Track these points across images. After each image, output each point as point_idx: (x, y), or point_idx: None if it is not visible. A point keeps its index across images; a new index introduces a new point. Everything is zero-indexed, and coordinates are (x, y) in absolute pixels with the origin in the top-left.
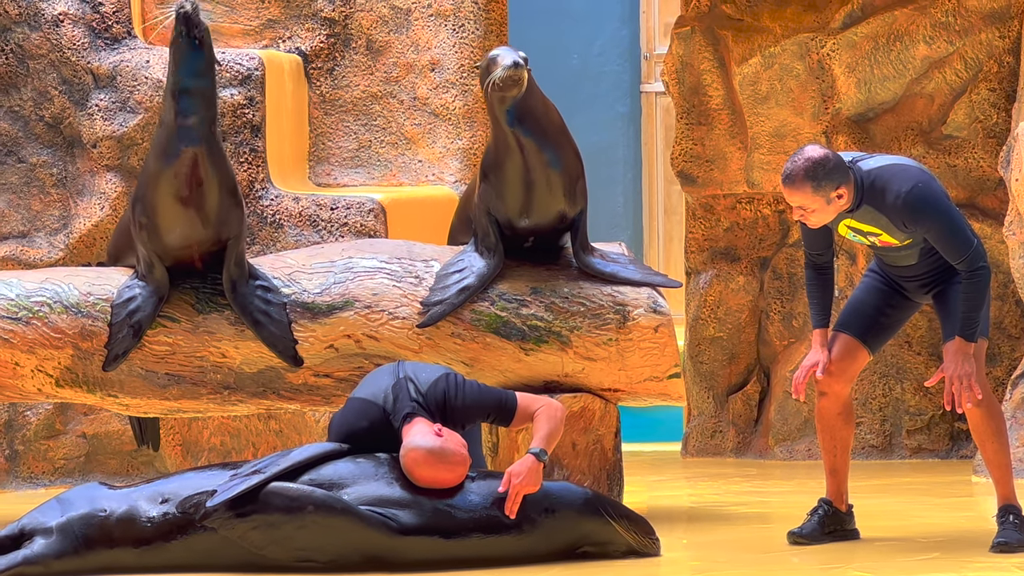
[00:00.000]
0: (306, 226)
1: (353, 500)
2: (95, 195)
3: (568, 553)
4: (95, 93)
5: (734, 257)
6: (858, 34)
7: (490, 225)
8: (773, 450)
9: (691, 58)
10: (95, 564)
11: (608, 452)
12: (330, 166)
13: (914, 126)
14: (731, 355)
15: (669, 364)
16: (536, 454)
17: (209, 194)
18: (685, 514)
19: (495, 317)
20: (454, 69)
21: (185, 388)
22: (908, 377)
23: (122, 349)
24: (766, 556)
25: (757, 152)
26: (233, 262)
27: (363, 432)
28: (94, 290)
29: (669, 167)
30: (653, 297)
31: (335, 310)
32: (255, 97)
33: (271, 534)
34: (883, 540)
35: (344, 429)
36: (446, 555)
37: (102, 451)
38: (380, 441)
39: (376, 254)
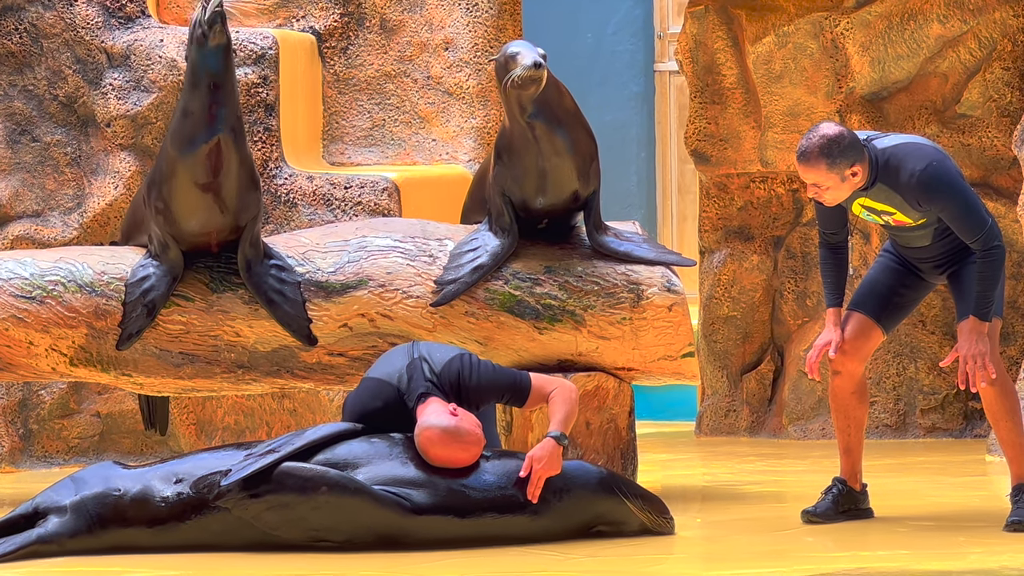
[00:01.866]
0: (320, 205)
1: (367, 480)
2: (109, 174)
3: (583, 532)
4: (109, 72)
5: (748, 236)
6: (872, 13)
7: (504, 205)
8: (787, 429)
9: (705, 37)
10: (109, 543)
11: (622, 431)
12: (344, 145)
13: (928, 105)
14: (745, 334)
15: (683, 343)
16: (556, 438)
17: (230, 182)
18: (699, 493)
19: (509, 296)
20: (468, 48)
21: (199, 367)
22: (922, 356)
23: (136, 328)
24: (780, 535)
25: (771, 131)
26: (248, 242)
27: (377, 412)
28: (108, 269)
29: (683, 146)
30: (667, 276)
31: (349, 289)
32: (269, 76)
33: (284, 514)
34: (896, 519)
35: (358, 409)
36: (460, 534)
37: (116, 430)
38: (394, 421)
39: (390, 233)
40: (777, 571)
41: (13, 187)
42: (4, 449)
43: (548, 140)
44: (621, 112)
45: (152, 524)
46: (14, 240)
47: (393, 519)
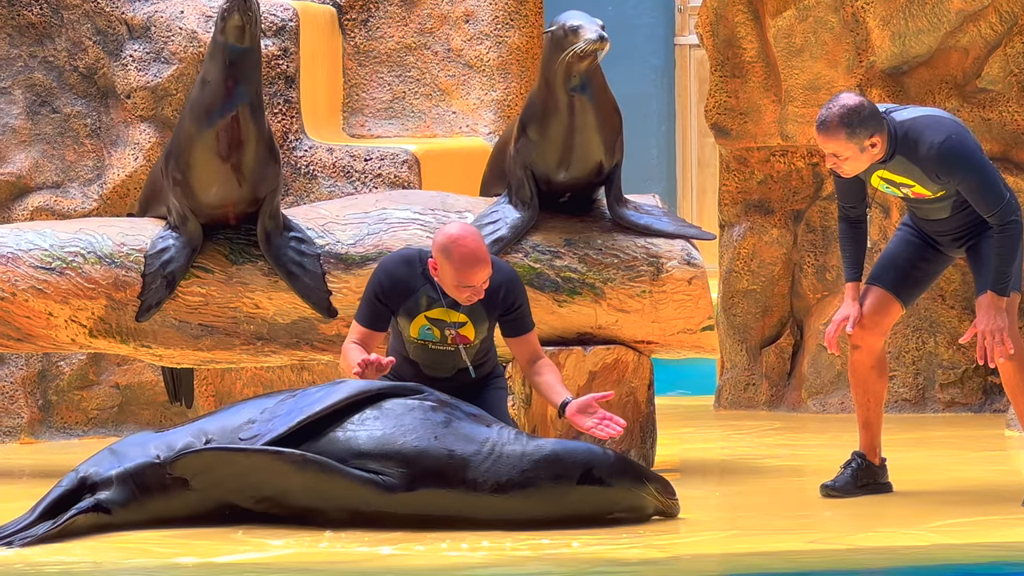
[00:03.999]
0: (340, 177)
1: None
2: (129, 146)
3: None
4: (129, 43)
5: (768, 210)
6: None
7: (526, 179)
8: (806, 403)
9: (725, 10)
10: (155, 514)
11: (641, 404)
12: (364, 117)
13: (948, 79)
14: (764, 308)
15: (703, 316)
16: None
17: (248, 155)
18: (718, 467)
19: (529, 269)
20: (488, 20)
21: (218, 339)
22: (941, 331)
23: (155, 300)
24: (799, 510)
25: (791, 105)
26: (268, 214)
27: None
28: (128, 240)
29: (703, 120)
30: (687, 249)
31: (368, 261)
32: (289, 48)
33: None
34: (915, 493)
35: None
36: (443, 514)
37: (135, 402)
38: (414, 282)
39: (410, 205)
40: (796, 546)
41: (33, 158)
42: (24, 420)
43: (584, 113)
44: (641, 85)
45: (186, 486)
46: (34, 211)
47: (369, 496)
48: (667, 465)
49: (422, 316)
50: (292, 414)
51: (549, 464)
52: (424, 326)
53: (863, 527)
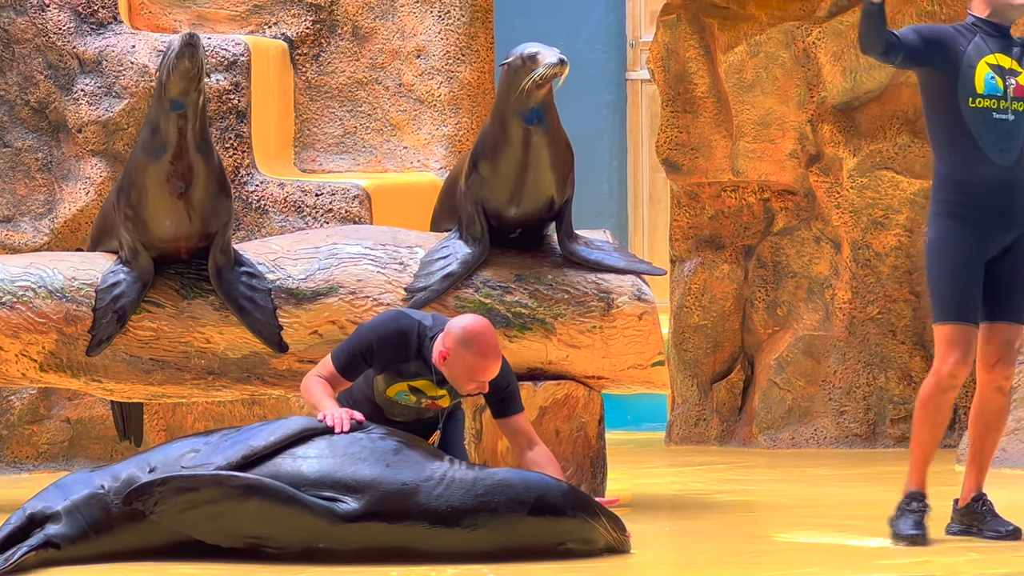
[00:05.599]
0: (291, 212)
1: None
2: (80, 180)
3: (549, 551)
4: (81, 78)
5: (719, 245)
6: (844, 22)
7: (477, 214)
8: (757, 438)
9: (677, 46)
10: (107, 547)
11: (592, 439)
12: (315, 152)
13: (899, 115)
14: (715, 343)
15: (653, 352)
16: None
17: (198, 190)
18: (669, 502)
19: (479, 304)
20: (439, 56)
21: (169, 373)
22: (892, 366)
23: (106, 334)
24: (749, 544)
25: (742, 140)
26: (219, 249)
27: (392, 338)
28: (79, 275)
29: (654, 155)
30: (637, 285)
31: (320, 296)
32: (241, 83)
33: (219, 524)
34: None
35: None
36: (396, 544)
37: (86, 436)
38: (406, 351)
39: (361, 240)
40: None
41: None
42: None
43: (538, 148)
44: (593, 120)
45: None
46: None
47: (321, 527)
48: (616, 496)
49: (405, 384)
50: (237, 447)
51: (501, 490)
52: (403, 392)
53: (813, 562)
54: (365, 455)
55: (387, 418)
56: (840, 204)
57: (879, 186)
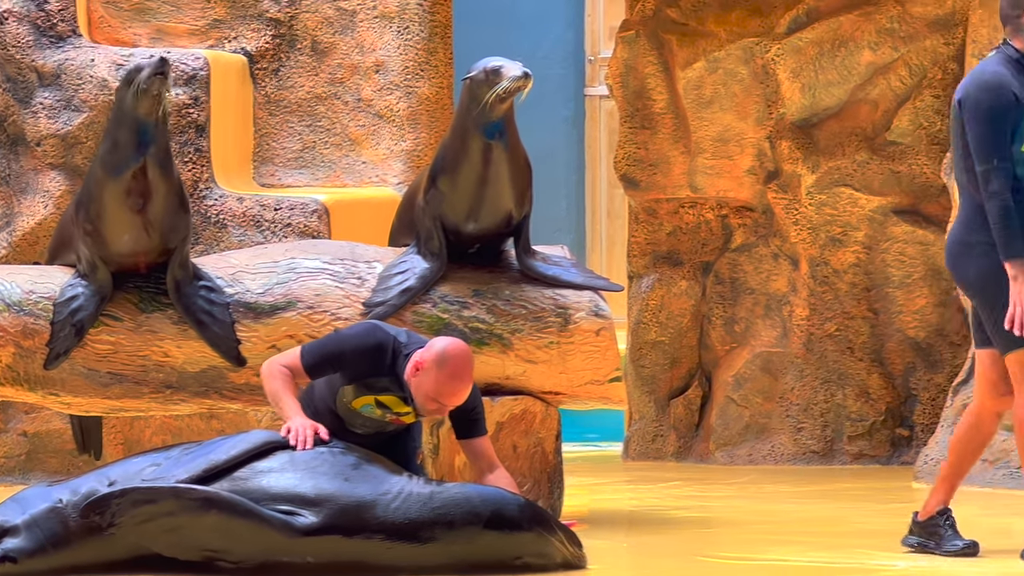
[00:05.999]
0: (250, 226)
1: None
2: (39, 193)
3: (501, 564)
4: (39, 91)
5: (676, 261)
6: (803, 39)
7: (435, 229)
8: (714, 455)
9: (635, 62)
10: (65, 560)
11: (549, 455)
12: (274, 167)
13: (858, 132)
14: (673, 359)
15: (610, 368)
16: None
17: (158, 205)
18: (626, 518)
19: (437, 319)
20: (398, 71)
21: (127, 387)
22: (850, 383)
23: (64, 348)
24: (706, 560)
25: (700, 156)
26: (177, 264)
27: (369, 351)
28: (37, 288)
29: (612, 171)
30: (595, 301)
31: (278, 310)
32: (200, 97)
33: (177, 536)
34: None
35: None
36: (353, 558)
37: (43, 450)
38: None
39: (319, 255)
40: None
41: None
42: None
43: (498, 163)
44: (551, 136)
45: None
46: None
47: (279, 541)
48: (575, 516)
49: (372, 398)
50: (197, 461)
51: (458, 504)
52: (369, 405)
53: None
54: (324, 469)
55: (347, 429)
56: (798, 221)
57: (837, 203)
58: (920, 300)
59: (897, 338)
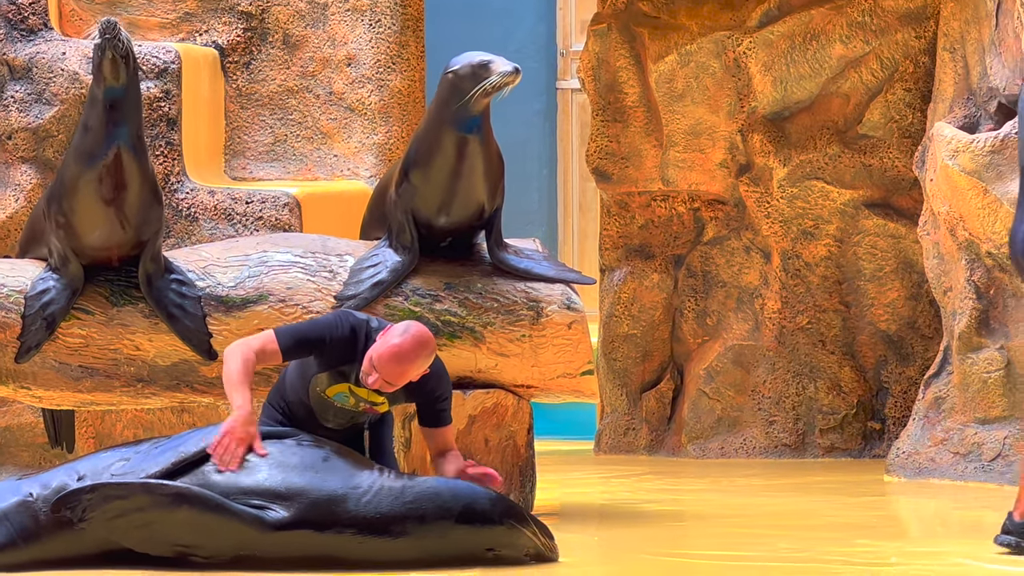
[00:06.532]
0: (221, 219)
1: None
2: (10, 187)
3: (472, 557)
4: (10, 85)
5: (648, 254)
6: (775, 33)
7: (407, 223)
8: (686, 448)
9: (607, 55)
10: (35, 555)
11: (521, 448)
12: (246, 160)
13: (830, 125)
14: (645, 352)
15: (582, 361)
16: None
17: (131, 198)
18: (597, 511)
19: (409, 312)
20: (370, 64)
21: (98, 380)
22: (821, 376)
23: (35, 341)
24: (678, 554)
25: (672, 150)
26: (149, 257)
27: (343, 339)
28: (8, 282)
29: (584, 164)
30: (567, 294)
31: (249, 304)
32: (171, 90)
33: (148, 532)
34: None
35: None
36: (325, 552)
37: (14, 443)
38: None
39: (290, 248)
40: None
41: None
42: None
43: (473, 156)
44: (523, 129)
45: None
46: None
47: (250, 535)
48: (547, 509)
49: (347, 386)
50: (167, 454)
51: (430, 498)
52: (343, 393)
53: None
54: (295, 463)
55: (318, 423)
56: (770, 214)
57: (809, 196)
58: (892, 293)
59: (869, 331)
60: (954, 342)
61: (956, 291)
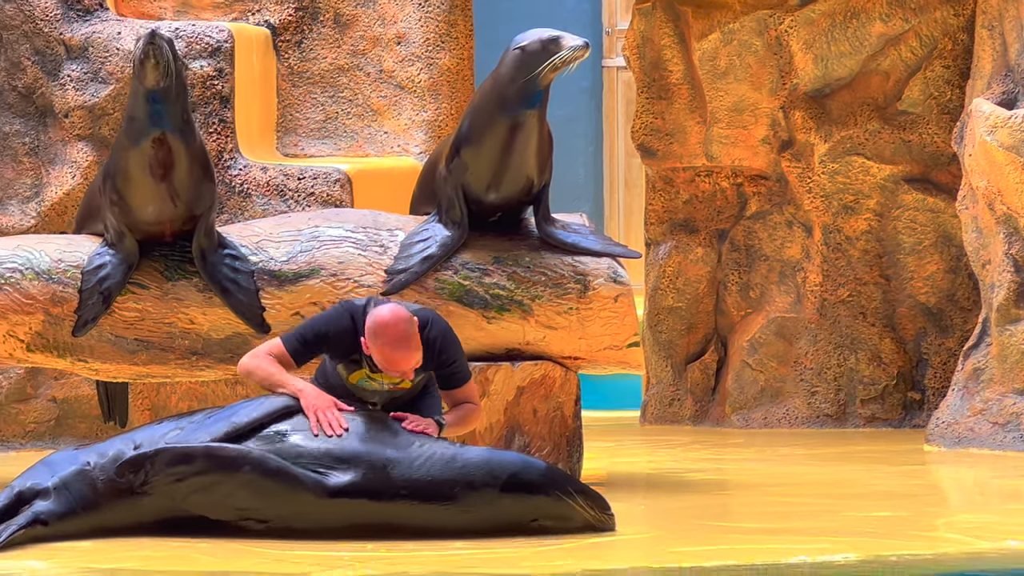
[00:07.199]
0: (273, 195)
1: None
2: (67, 164)
3: (520, 526)
4: (67, 64)
5: (693, 229)
6: (816, 11)
7: (456, 198)
8: (730, 418)
9: (652, 33)
10: (94, 523)
11: (568, 419)
12: (297, 137)
13: (870, 102)
14: (689, 325)
15: (628, 333)
16: (438, 422)
17: (181, 174)
18: (644, 481)
19: (458, 286)
20: (420, 43)
21: (153, 354)
22: (863, 348)
23: (92, 315)
24: (723, 523)
25: (716, 126)
26: (203, 232)
27: (344, 331)
28: (65, 257)
29: (629, 140)
30: (613, 267)
31: (301, 278)
32: (224, 69)
33: (209, 495)
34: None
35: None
36: (379, 518)
37: (72, 415)
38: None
39: (342, 223)
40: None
41: None
42: None
43: (528, 133)
44: (569, 107)
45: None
46: None
47: (311, 501)
48: (594, 478)
49: (363, 372)
50: (219, 424)
51: (479, 466)
52: (363, 378)
53: (786, 541)
54: (352, 428)
55: (361, 401)
56: (812, 189)
57: (850, 171)
58: (931, 266)
59: (908, 303)
60: (992, 314)
61: (994, 264)
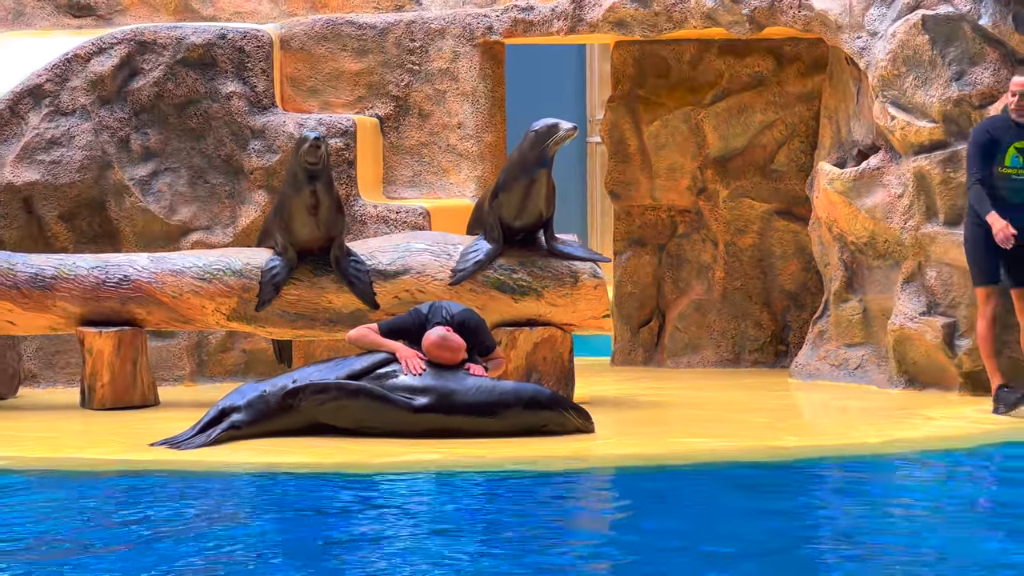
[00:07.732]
0: (380, 223)
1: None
2: (251, 204)
3: (535, 431)
4: (252, 141)
5: (643, 243)
6: (720, 107)
7: (496, 225)
8: (667, 363)
9: (617, 121)
10: (269, 428)
11: (565, 363)
12: (396, 186)
13: (755, 164)
14: (641, 303)
15: (603, 309)
16: (485, 367)
17: (324, 211)
18: (612, 401)
19: (496, 279)
20: (472, 127)
21: (306, 322)
22: (750, 318)
23: (267, 298)
24: (665, 427)
25: (657, 179)
26: (337, 246)
27: (407, 328)
28: (251, 262)
29: (604, 188)
30: (593, 268)
31: (398, 275)
32: (350, 144)
33: (341, 412)
34: (733, 417)
35: (396, 325)
36: (448, 426)
37: (255, 361)
38: (416, 335)
39: (423, 240)
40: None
41: (193, 211)
42: (187, 372)
43: (541, 183)
44: (567, 168)
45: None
46: (193, 244)
47: (403, 415)
48: (582, 399)
49: None
50: (342, 368)
51: (510, 392)
52: None
53: (703, 436)
54: (429, 370)
55: None
56: (718, 218)
57: (741, 208)
58: (792, 267)
59: (778, 290)
60: (831, 296)
61: (832, 265)
